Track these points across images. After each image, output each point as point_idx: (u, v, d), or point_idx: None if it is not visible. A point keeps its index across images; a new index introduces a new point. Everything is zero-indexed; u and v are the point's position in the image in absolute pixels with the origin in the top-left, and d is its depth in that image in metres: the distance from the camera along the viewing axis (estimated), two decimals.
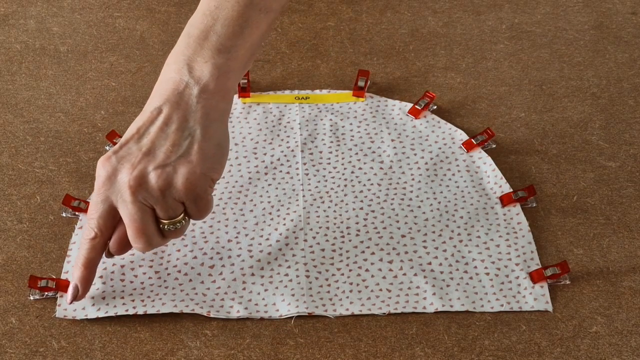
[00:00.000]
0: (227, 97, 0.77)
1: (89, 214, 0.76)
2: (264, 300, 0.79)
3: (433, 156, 0.92)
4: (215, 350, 0.76)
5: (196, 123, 0.75)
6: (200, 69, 0.76)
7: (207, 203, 0.76)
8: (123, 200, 0.74)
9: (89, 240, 0.76)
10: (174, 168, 0.74)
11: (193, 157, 0.74)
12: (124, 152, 0.75)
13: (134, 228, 0.74)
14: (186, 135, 0.75)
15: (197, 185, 0.75)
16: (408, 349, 0.76)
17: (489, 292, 0.79)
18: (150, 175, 0.73)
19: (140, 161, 0.74)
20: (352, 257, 0.83)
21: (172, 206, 0.75)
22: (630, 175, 0.90)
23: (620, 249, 0.83)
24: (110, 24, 1.09)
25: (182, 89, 0.76)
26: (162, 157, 0.74)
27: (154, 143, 0.75)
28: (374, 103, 0.98)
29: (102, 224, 0.76)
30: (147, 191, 0.74)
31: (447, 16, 1.10)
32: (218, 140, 0.76)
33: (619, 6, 1.11)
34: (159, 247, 0.79)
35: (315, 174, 0.90)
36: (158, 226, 0.76)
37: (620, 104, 0.98)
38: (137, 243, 0.75)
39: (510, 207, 0.86)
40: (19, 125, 0.96)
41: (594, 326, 0.77)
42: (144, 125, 0.75)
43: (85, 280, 0.77)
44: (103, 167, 0.75)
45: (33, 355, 0.75)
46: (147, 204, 0.74)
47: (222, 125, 0.77)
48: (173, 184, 0.74)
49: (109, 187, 0.74)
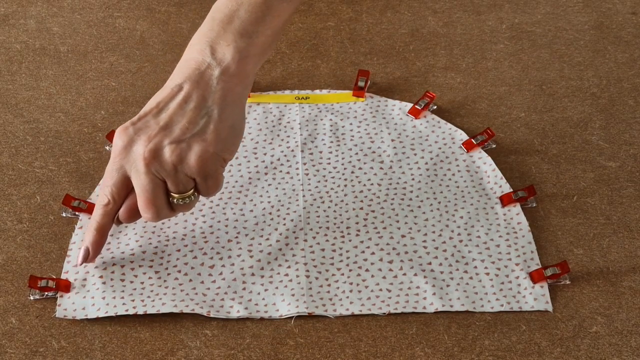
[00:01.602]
0: (246, 81, 0.80)
1: (104, 181, 0.79)
2: (264, 300, 0.79)
3: (433, 156, 0.92)
4: (215, 350, 0.76)
5: (214, 103, 0.78)
6: (222, 51, 0.78)
7: (217, 182, 0.79)
8: (136, 171, 0.76)
9: (102, 207, 0.79)
10: (189, 145, 0.76)
11: (207, 136, 0.77)
12: (141, 124, 0.77)
13: (145, 198, 0.77)
14: (203, 114, 0.77)
15: (208, 164, 0.77)
16: (408, 349, 0.76)
17: (489, 292, 0.79)
18: (165, 149, 0.76)
19: (156, 135, 0.76)
20: (352, 257, 0.83)
21: (183, 181, 0.77)
22: (630, 175, 0.90)
23: (620, 249, 0.83)
24: (110, 24, 1.09)
25: (204, 69, 0.78)
26: (178, 133, 0.76)
27: (171, 118, 0.77)
28: (374, 103, 0.98)
29: (115, 192, 0.78)
30: (160, 164, 0.76)
31: (447, 16, 1.10)
32: (233, 122, 0.79)
33: (619, 6, 1.11)
34: (166, 218, 0.81)
35: (315, 174, 0.90)
36: (168, 199, 0.78)
37: (620, 104, 0.98)
38: (146, 213, 0.78)
39: (510, 207, 0.86)
40: (19, 125, 0.96)
41: (594, 326, 0.77)
42: (163, 101, 0.78)
43: (96, 244, 0.80)
44: (120, 137, 0.77)
45: (33, 355, 0.75)
46: (159, 177, 0.77)
47: (238, 108, 0.79)
48: (186, 160, 0.76)
49: (124, 156, 0.77)
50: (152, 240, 0.84)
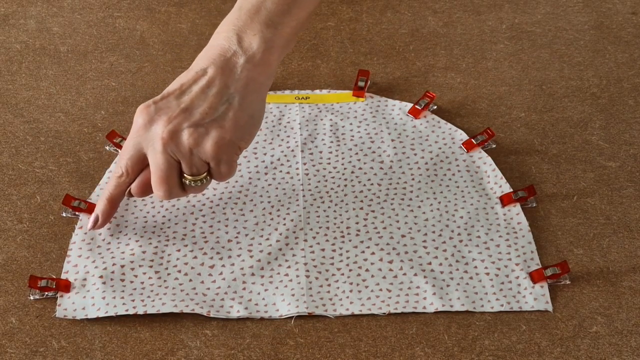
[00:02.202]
0: (269, 71, 0.81)
1: (121, 154, 0.81)
2: (264, 300, 0.79)
3: (433, 156, 0.92)
4: (215, 350, 0.76)
5: (236, 91, 0.79)
6: (248, 40, 0.80)
7: (230, 168, 0.80)
8: (153, 149, 0.78)
9: (116, 178, 0.81)
10: (207, 130, 0.78)
11: (226, 124, 0.78)
12: (163, 104, 0.78)
13: (158, 176, 0.79)
14: (224, 101, 0.79)
15: (224, 151, 0.78)
16: (408, 349, 0.76)
17: (489, 292, 0.79)
18: (183, 132, 0.77)
19: (176, 116, 0.78)
20: (352, 257, 0.83)
21: (197, 164, 0.79)
22: (630, 175, 0.90)
23: (620, 249, 0.83)
24: (110, 24, 1.09)
25: (230, 56, 0.80)
26: (197, 117, 0.78)
27: (193, 102, 0.78)
28: (374, 103, 0.98)
29: (130, 166, 0.80)
30: (177, 146, 0.77)
31: (447, 16, 1.10)
32: (252, 112, 0.80)
33: (619, 6, 1.11)
34: (177, 197, 0.82)
35: (315, 174, 0.90)
36: (181, 179, 0.80)
37: (620, 104, 0.98)
38: (158, 190, 0.79)
39: (510, 207, 0.86)
40: (19, 125, 0.96)
41: (594, 326, 0.77)
42: (187, 83, 0.79)
43: (106, 213, 0.83)
44: (141, 115, 0.79)
45: (33, 355, 0.75)
46: (174, 158, 0.78)
47: (259, 98, 0.81)
48: (202, 145, 0.78)
49: (143, 134, 0.78)
50: (152, 240, 0.84)
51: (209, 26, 1.09)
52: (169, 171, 0.79)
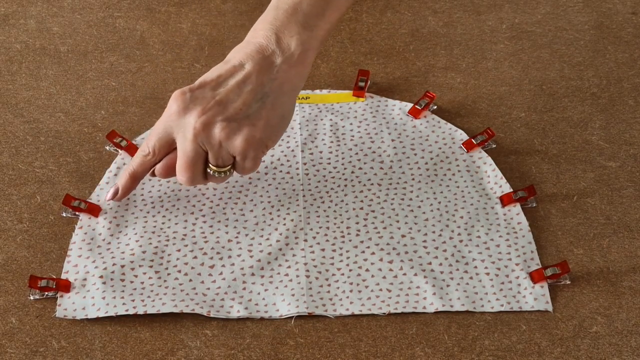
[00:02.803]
0: (303, 73, 0.83)
1: (150, 134, 0.82)
2: (264, 300, 0.79)
3: (433, 156, 0.92)
4: (215, 350, 0.76)
5: (271, 91, 0.81)
6: (287, 41, 0.81)
7: (255, 165, 0.82)
8: (183, 137, 0.80)
9: (142, 156, 0.83)
10: (239, 126, 0.79)
11: (258, 122, 0.80)
12: (199, 93, 0.80)
13: (184, 163, 0.80)
14: (258, 99, 0.80)
15: (252, 148, 0.80)
16: (408, 349, 0.76)
17: (489, 292, 0.79)
18: (216, 125, 0.79)
19: (210, 108, 0.79)
20: (352, 257, 0.83)
21: (224, 157, 0.80)
22: (630, 175, 0.90)
23: (620, 249, 0.83)
24: (111, 24, 1.09)
25: (268, 54, 0.81)
26: (231, 112, 0.79)
27: (228, 96, 0.80)
28: (374, 103, 0.98)
29: (157, 147, 0.82)
30: (207, 138, 0.79)
31: (447, 16, 1.10)
32: (284, 112, 0.82)
33: (619, 6, 1.11)
34: (198, 185, 0.85)
35: (315, 174, 0.90)
36: (205, 168, 0.81)
37: (620, 104, 0.98)
38: (182, 175, 0.81)
39: (510, 207, 0.86)
40: (19, 125, 0.96)
41: (594, 326, 0.77)
42: (224, 76, 0.81)
43: (126, 188, 0.85)
44: (176, 101, 0.80)
45: (33, 355, 0.75)
46: (203, 148, 0.80)
47: (291, 99, 0.82)
48: (232, 140, 0.79)
49: (176, 119, 0.80)
50: (152, 240, 0.84)
51: (209, 26, 1.09)
52: (196, 159, 0.80)
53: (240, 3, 1.12)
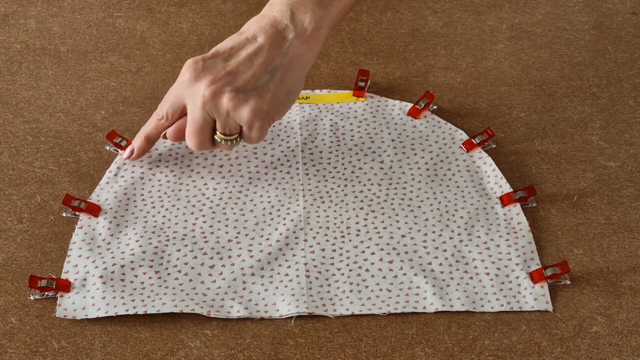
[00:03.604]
0: (314, 50, 0.84)
1: (164, 99, 0.86)
2: (264, 300, 0.79)
3: (433, 156, 0.92)
4: (215, 350, 0.76)
5: (281, 65, 0.83)
6: (301, 17, 0.83)
7: (261, 135, 0.84)
8: (193, 104, 0.82)
9: (156, 120, 0.87)
10: (246, 97, 0.81)
11: (265, 95, 0.82)
12: (210, 63, 0.82)
13: (193, 129, 0.83)
14: (268, 72, 0.82)
15: (258, 119, 0.82)
16: (408, 349, 0.76)
17: (489, 292, 0.79)
18: (224, 95, 0.81)
19: (220, 79, 0.81)
20: (352, 257, 0.83)
21: (231, 126, 0.83)
22: (630, 175, 0.90)
23: (620, 249, 0.83)
24: (111, 24, 1.09)
25: (281, 29, 0.83)
26: (240, 83, 0.81)
27: (238, 67, 0.82)
28: (374, 103, 0.98)
29: (170, 112, 0.86)
30: (215, 107, 0.81)
31: (447, 16, 1.10)
32: (291, 87, 0.84)
33: (619, 6, 1.11)
34: (207, 150, 0.88)
35: (316, 174, 0.90)
36: (213, 135, 0.84)
37: (620, 104, 0.98)
38: (190, 140, 0.84)
39: (510, 207, 0.86)
40: (19, 125, 0.96)
41: (594, 326, 0.77)
42: (236, 47, 0.83)
43: (141, 149, 0.89)
44: (188, 70, 0.82)
45: (33, 355, 0.75)
46: (211, 116, 0.82)
47: (299, 74, 0.84)
48: (239, 110, 0.81)
49: (187, 87, 0.83)
50: (152, 240, 0.84)
51: (208, 26, 1.09)
52: (204, 126, 0.83)
53: (240, 3, 1.12)
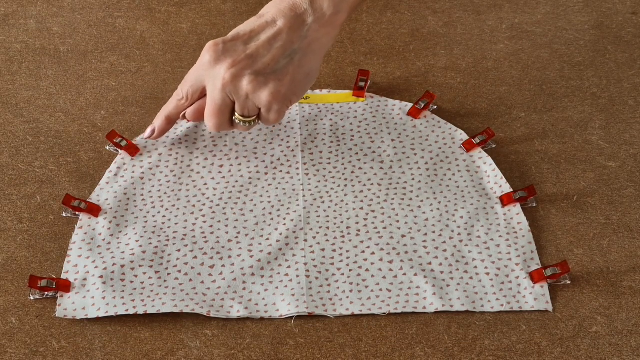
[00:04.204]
0: (332, 34, 0.86)
1: (184, 80, 0.87)
2: (264, 300, 0.79)
3: (433, 156, 0.92)
4: (215, 350, 0.76)
5: (299, 49, 0.84)
6: (320, 1, 0.84)
7: (279, 117, 0.85)
8: (213, 86, 0.84)
9: (177, 100, 0.89)
10: (265, 80, 0.83)
11: (284, 78, 0.84)
12: (230, 46, 0.83)
13: (212, 110, 0.85)
14: (286, 56, 0.84)
15: (277, 102, 0.84)
16: (408, 349, 0.76)
17: (489, 292, 0.79)
18: (244, 78, 0.82)
19: (241, 61, 0.83)
20: (352, 257, 0.83)
21: (249, 108, 0.84)
22: (630, 175, 0.90)
23: (620, 249, 0.83)
24: (111, 24, 1.09)
25: (300, 13, 0.84)
26: (259, 67, 0.83)
27: (258, 50, 0.83)
28: (374, 103, 0.98)
29: (190, 92, 0.87)
30: (235, 89, 0.83)
31: (448, 16, 1.10)
32: (309, 70, 0.86)
33: (619, 6, 1.11)
34: (225, 131, 0.90)
35: (316, 174, 0.90)
36: (231, 117, 0.86)
37: (620, 104, 0.98)
38: (209, 121, 0.86)
39: (510, 207, 0.86)
40: (19, 125, 0.96)
41: (594, 326, 0.77)
42: (256, 30, 0.84)
43: (162, 129, 0.91)
44: (208, 52, 0.84)
45: (33, 355, 0.75)
46: (230, 98, 0.84)
47: (317, 58, 0.86)
48: (258, 93, 0.83)
49: (207, 69, 0.84)
50: (152, 240, 0.84)
51: (208, 26, 1.09)
52: (223, 107, 0.84)
53: (240, 3, 1.12)
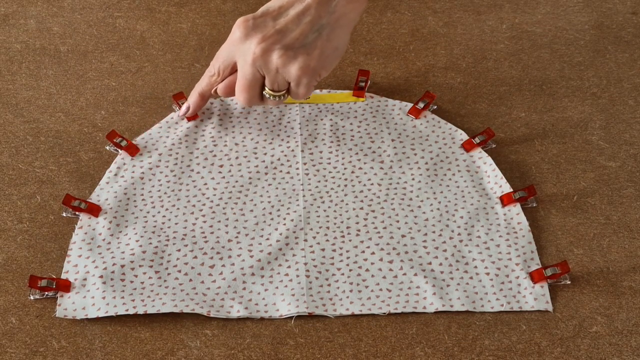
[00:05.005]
0: (360, 9, 0.87)
1: (216, 57, 0.90)
2: (264, 300, 0.79)
3: (433, 156, 0.92)
4: (215, 350, 0.76)
5: (328, 24, 0.86)
6: None
7: (308, 91, 0.87)
8: (244, 61, 0.86)
9: (209, 77, 0.92)
10: (295, 55, 0.85)
11: (313, 52, 0.85)
12: (260, 22, 0.85)
13: (242, 84, 0.87)
14: (315, 30, 0.85)
15: (306, 76, 0.85)
16: (408, 349, 0.76)
17: (489, 292, 0.79)
18: (274, 52, 0.84)
19: (270, 36, 0.84)
20: (352, 257, 0.83)
21: (279, 82, 0.86)
22: (630, 175, 0.90)
23: (620, 249, 0.83)
24: (111, 24, 1.09)
25: None
26: (289, 41, 0.85)
27: (287, 25, 0.85)
28: (374, 103, 0.98)
29: (221, 68, 0.90)
30: (265, 64, 0.85)
31: (448, 16, 1.10)
32: (338, 44, 0.87)
33: (619, 6, 1.11)
34: (255, 106, 0.92)
35: (316, 174, 0.90)
36: (261, 91, 0.88)
37: (620, 104, 0.98)
38: (240, 95, 0.88)
39: (510, 207, 0.86)
40: (19, 125, 0.96)
41: (594, 326, 0.77)
42: (285, 7, 0.86)
43: (197, 104, 0.94)
44: (239, 28, 0.86)
45: (33, 355, 0.75)
46: (260, 72, 0.86)
47: (345, 32, 0.87)
48: (288, 67, 0.85)
49: (238, 45, 0.86)
50: (152, 240, 0.84)
51: (208, 26, 1.09)
52: (253, 82, 0.86)
53: (240, 3, 1.12)
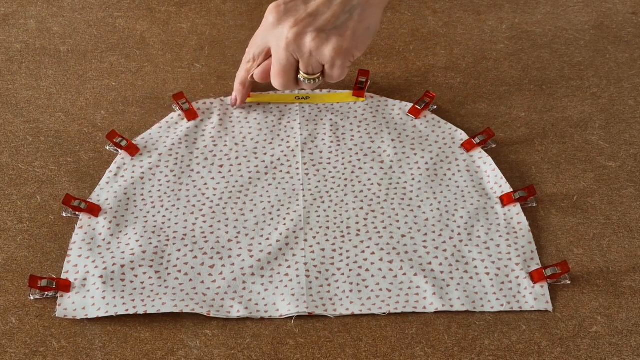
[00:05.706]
0: None
1: (251, 44, 0.91)
2: (264, 300, 0.79)
3: (433, 156, 0.92)
4: (215, 350, 0.76)
5: (359, 4, 0.86)
6: None
7: (342, 73, 0.87)
8: (278, 46, 0.86)
9: (245, 63, 0.93)
10: (328, 37, 0.85)
11: (345, 33, 0.85)
12: (292, 6, 0.86)
13: (278, 69, 0.87)
14: (346, 12, 0.85)
15: (340, 57, 0.86)
16: (408, 349, 0.76)
17: (489, 292, 0.79)
18: (307, 35, 0.85)
19: (303, 20, 0.85)
20: (352, 257, 0.83)
21: (313, 65, 0.86)
22: (630, 175, 0.90)
23: (620, 249, 0.83)
24: (111, 24, 1.09)
25: None
26: (321, 23, 0.85)
27: (318, 8, 0.85)
28: (374, 103, 0.98)
29: (257, 54, 0.91)
30: (298, 47, 0.85)
31: (448, 16, 1.10)
32: (369, 24, 0.87)
33: (619, 6, 1.11)
34: (291, 89, 0.93)
35: (316, 174, 0.90)
36: (296, 75, 0.88)
37: (620, 104, 0.98)
38: (275, 80, 0.88)
39: (510, 207, 0.86)
40: (19, 125, 0.96)
41: (594, 326, 0.77)
42: None
43: (241, 93, 0.96)
44: (271, 13, 0.86)
45: (33, 355, 0.75)
46: (294, 57, 0.86)
47: (377, 11, 0.87)
48: (321, 50, 0.85)
49: (271, 30, 0.87)
50: (152, 240, 0.84)
51: (208, 26, 1.09)
52: (288, 66, 0.87)
53: (240, 3, 1.12)
